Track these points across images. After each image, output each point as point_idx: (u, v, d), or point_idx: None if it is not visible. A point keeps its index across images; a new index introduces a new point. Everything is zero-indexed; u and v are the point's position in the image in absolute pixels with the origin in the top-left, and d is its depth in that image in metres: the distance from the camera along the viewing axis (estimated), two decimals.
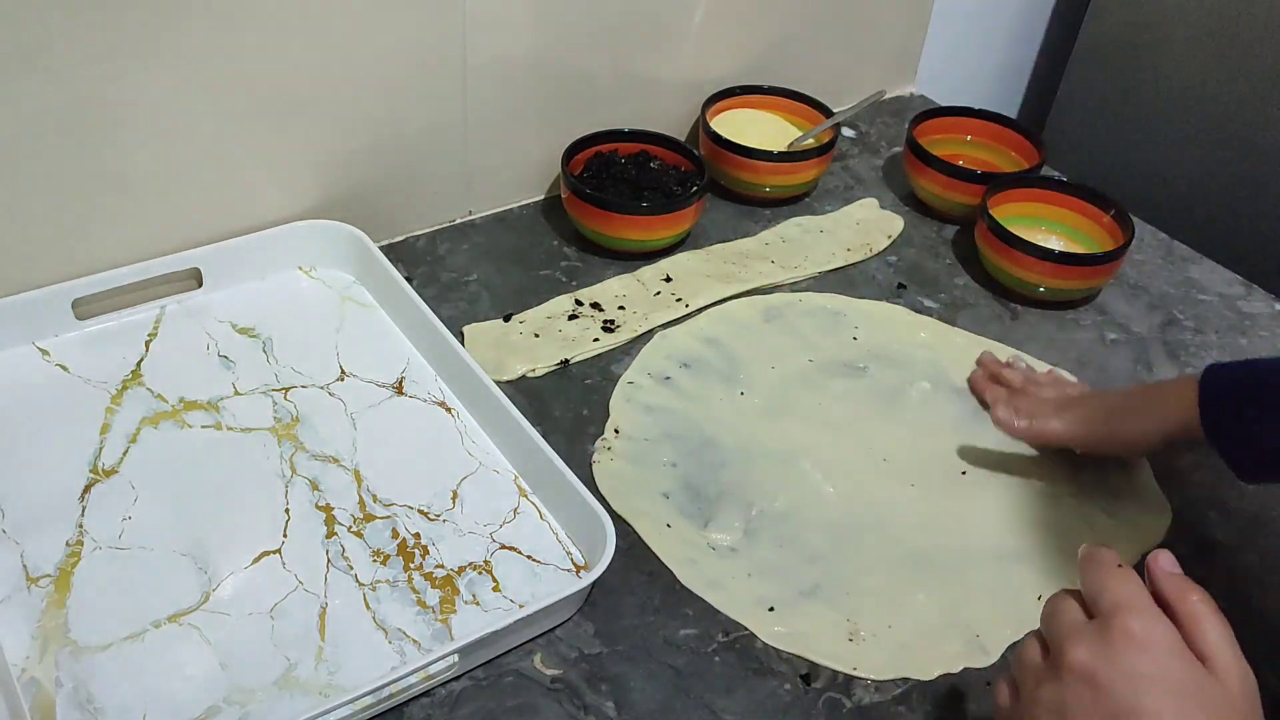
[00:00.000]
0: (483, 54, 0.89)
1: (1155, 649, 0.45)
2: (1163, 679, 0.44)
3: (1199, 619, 0.47)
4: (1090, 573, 0.50)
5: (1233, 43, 1.22)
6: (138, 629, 0.62)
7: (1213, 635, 0.46)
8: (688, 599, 0.67)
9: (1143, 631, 0.46)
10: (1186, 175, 1.31)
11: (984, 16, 1.41)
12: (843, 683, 0.64)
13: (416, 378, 0.80)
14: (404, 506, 0.70)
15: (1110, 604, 0.47)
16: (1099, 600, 0.48)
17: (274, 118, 0.82)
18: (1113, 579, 0.48)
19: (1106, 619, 0.47)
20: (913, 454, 0.78)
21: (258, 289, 0.85)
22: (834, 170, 1.07)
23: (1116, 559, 0.50)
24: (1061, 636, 0.48)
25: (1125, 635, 0.46)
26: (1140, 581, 0.49)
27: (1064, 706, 0.46)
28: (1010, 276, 0.92)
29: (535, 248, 0.94)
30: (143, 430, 0.73)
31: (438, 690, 0.61)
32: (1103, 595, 0.48)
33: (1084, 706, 0.45)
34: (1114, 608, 0.47)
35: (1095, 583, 0.49)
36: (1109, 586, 0.48)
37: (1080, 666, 0.46)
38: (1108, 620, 0.47)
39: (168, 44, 0.75)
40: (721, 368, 0.83)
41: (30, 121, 0.72)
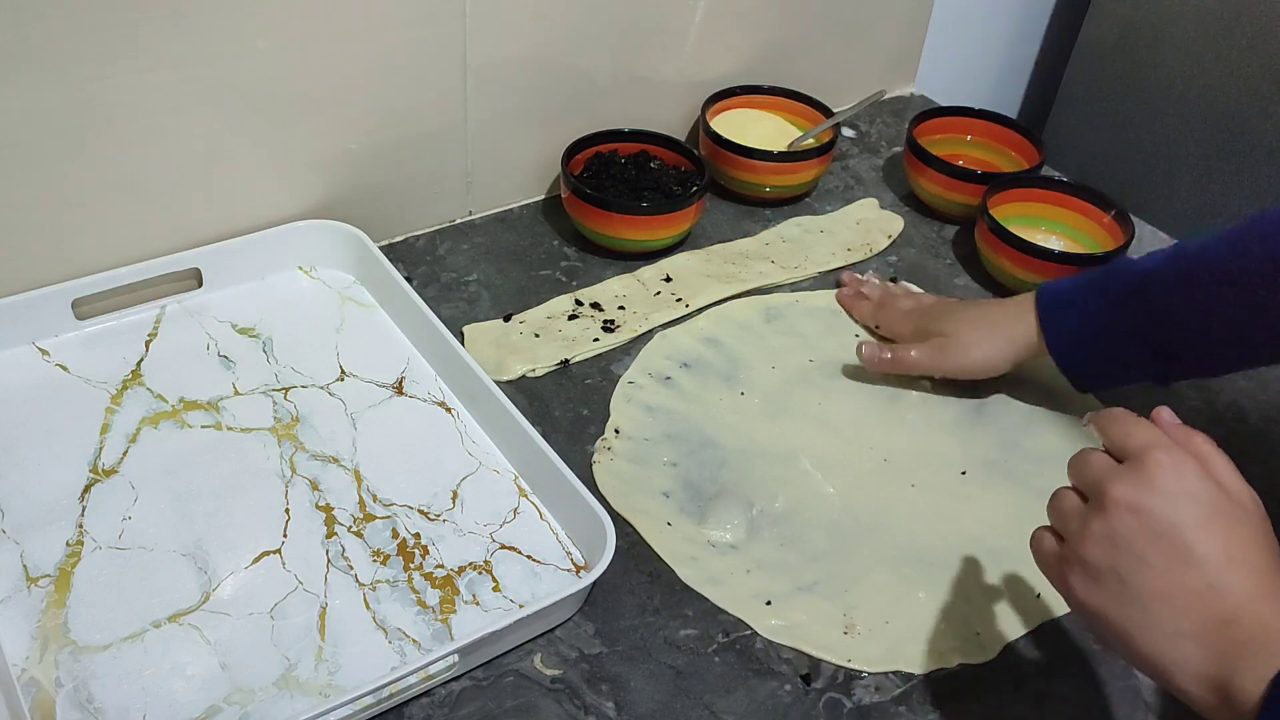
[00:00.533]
0: (483, 54, 0.89)
1: (1184, 473, 0.51)
2: (1194, 496, 0.51)
3: (1207, 456, 0.53)
4: (1111, 427, 0.55)
5: (1233, 43, 1.22)
6: (138, 629, 0.62)
7: (1222, 466, 0.53)
8: (688, 599, 0.67)
9: (1171, 461, 0.51)
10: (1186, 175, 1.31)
11: (984, 16, 1.41)
12: (843, 683, 0.64)
13: (416, 378, 0.80)
14: (404, 506, 0.70)
15: (1138, 445, 0.53)
16: (1126, 444, 0.53)
17: (274, 118, 0.82)
18: (1135, 426, 0.54)
19: (1139, 457, 0.52)
20: (913, 454, 0.78)
21: (258, 289, 0.85)
22: (834, 170, 1.07)
23: (1132, 413, 0.55)
24: (1101, 479, 0.53)
25: (1157, 465, 0.51)
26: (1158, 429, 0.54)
27: (1114, 534, 0.51)
28: (1010, 276, 0.92)
29: (535, 248, 0.94)
30: (143, 430, 0.73)
31: (438, 690, 0.61)
32: (1129, 439, 0.53)
33: (1131, 530, 0.51)
34: (1143, 447, 0.52)
35: (1119, 432, 0.54)
36: (1132, 433, 0.54)
37: (1123, 498, 0.51)
38: (1141, 457, 0.52)
39: (168, 44, 0.75)
40: (722, 368, 0.83)
41: (30, 122, 0.72)
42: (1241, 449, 0.80)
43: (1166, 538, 0.50)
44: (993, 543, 0.72)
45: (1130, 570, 0.50)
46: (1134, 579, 0.50)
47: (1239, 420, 0.83)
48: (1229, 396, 0.85)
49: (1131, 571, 0.50)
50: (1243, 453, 0.80)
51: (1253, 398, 0.85)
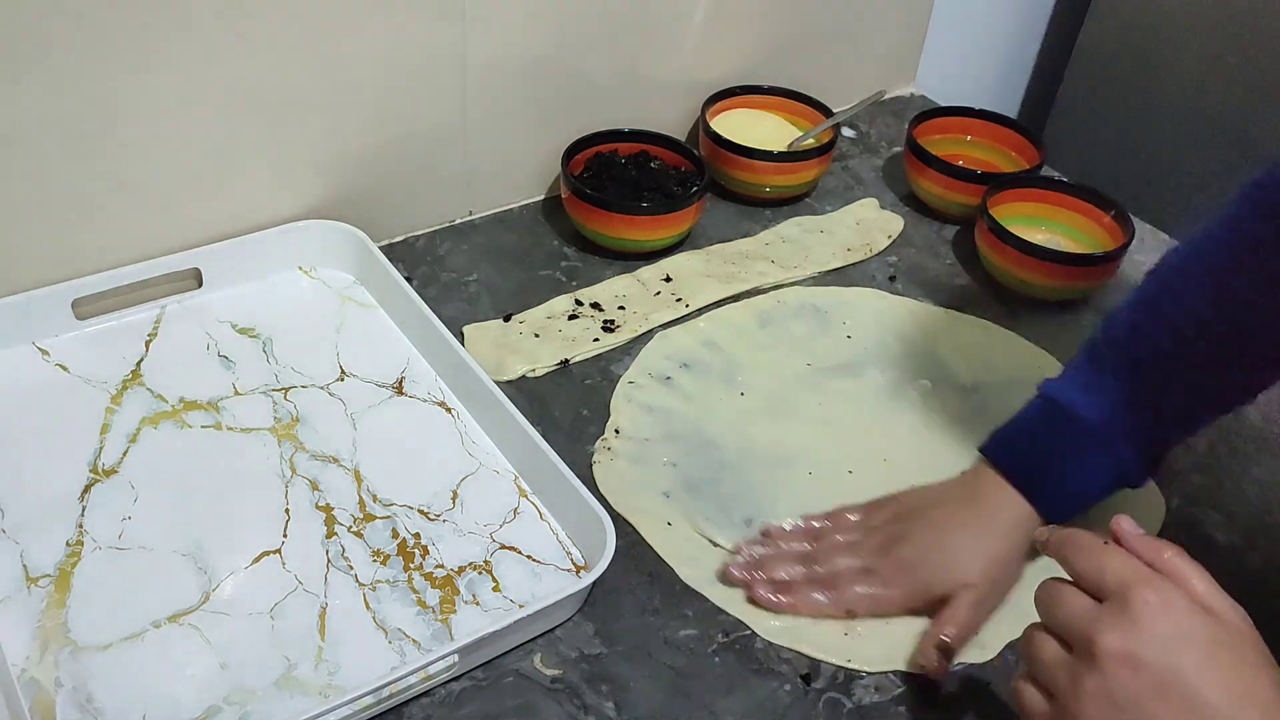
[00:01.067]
0: (483, 54, 0.89)
1: (1174, 612, 0.48)
2: (1189, 635, 0.47)
3: (1183, 574, 0.49)
4: (1079, 557, 0.51)
5: (1233, 43, 1.22)
6: (138, 629, 0.62)
7: (1201, 586, 0.49)
8: (688, 599, 0.67)
9: (1158, 599, 0.48)
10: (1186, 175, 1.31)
11: (984, 16, 1.41)
12: (843, 683, 0.64)
13: (416, 378, 0.80)
14: (404, 506, 0.70)
15: (1118, 583, 0.49)
16: (1103, 581, 0.50)
17: (274, 118, 0.82)
18: (1107, 558, 0.50)
19: (1122, 597, 0.48)
20: (913, 454, 0.78)
21: (258, 289, 0.85)
22: (834, 170, 1.07)
23: (1096, 538, 0.52)
24: (1084, 627, 0.49)
25: (1145, 607, 0.47)
26: (1131, 555, 0.51)
27: (1111, 693, 0.47)
28: (1010, 276, 0.92)
29: (535, 248, 0.94)
30: (143, 430, 0.73)
31: (438, 690, 0.61)
32: (1105, 575, 0.50)
33: (1130, 687, 0.47)
34: (1123, 585, 0.49)
35: (1091, 565, 0.51)
36: (1107, 566, 0.50)
37: (1116, 651, 0.47)
38: (1125, 599, 0.48)
39: (168, 44, 0.75)
40: (721, 369, 0.83)
41: (31, 121, 0.72)
42: (1241, 449, 0.81)
43: (1170, 690, 0.46)
44: None
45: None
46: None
47: (1238, 420, 0.83)
48: None
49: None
50: (1243, 453, 0.81)
51: None
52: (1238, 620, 0.49)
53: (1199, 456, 0.80)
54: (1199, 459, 0.80)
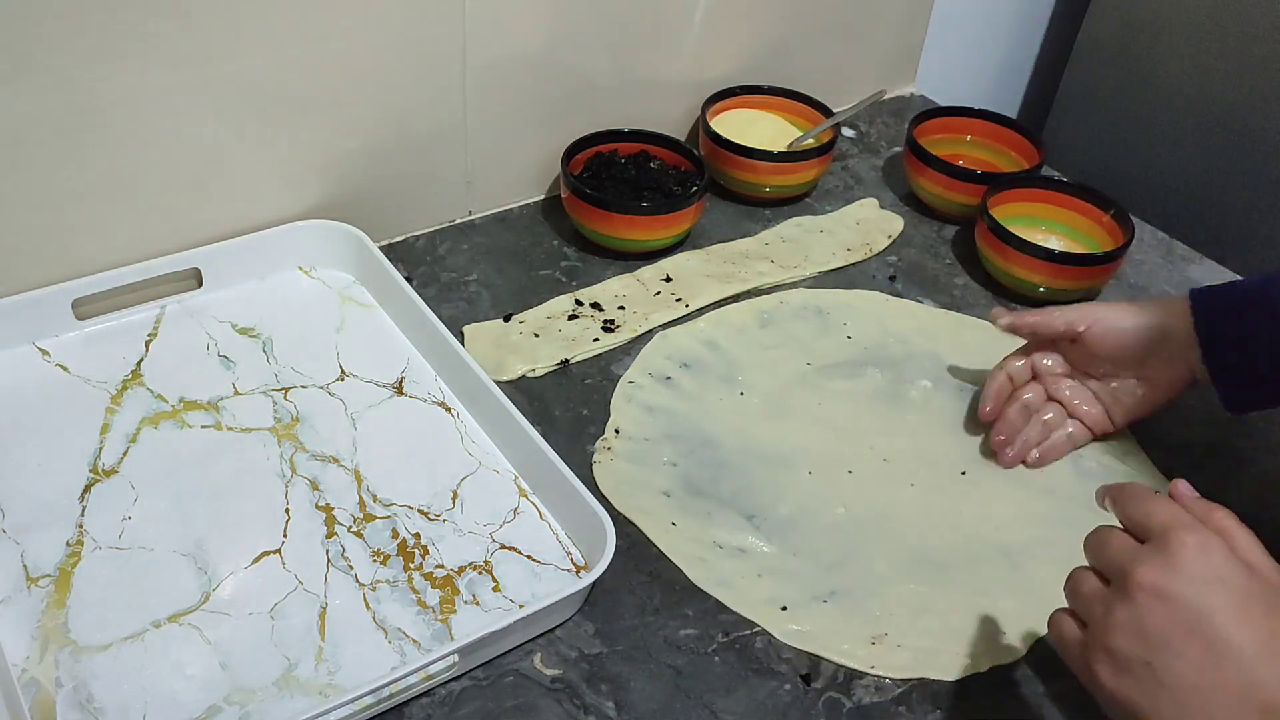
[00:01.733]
0: (483, 54, 0.89)
1: (1212, 556, 0.49)
2: (1223, 580, 0.49)
3: (1232, 533, 0.51)
4: (1130, 504, 0.53)
5: (1233, 42, 1.22)
6: (138, 629, 0.62)
7: (1248, 544, 0.51)
8: (688, 599, 0.67)
9: (1197, 543, 0.49)
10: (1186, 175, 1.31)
11: (984, 16, 1.41)
12: (843, 683, 0.64)
13: (416, 378, 0.80)
14: (404, 506, 0.70)
15: (1160, 525, 0.51)
16: (1148, 524, 0.52)
17: (274, 118, 0.82)
18: (1155, 504, 0.52)
19: (1163, 538, 0.50)
20: (912, 454, 0.78)
21: (258, 289, 0.85)
22: (834, 170, 1.07)
23: (1150, 488, 0.54)
24: (1124, 562, 0.51)
25: (1184, 548, 0.49)
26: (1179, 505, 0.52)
27: (1140, 623, 0.49)
28: (1010, 276, 0.92)
29: (535, 248, 0.94)
30: (143, 430, 0.73)
31: (438, 690, 0.61)
32: (1151, 519, 0.52)
33: (1160, 620, 0.49)
34: (1165, 527, 0.50)
35: (1138, 511, 0.53)
36: (1152, 512, 0.52)
37: (1150, 584, 0.49)
38: (1165, 538, 0.50)
39: (168, 44, 0.75)
40: (721, 369, 0.83)
41: (30, 122, 0.72)
42: (1240, 450, 0.81)
43: (1198, 628, 0.48)
44: (1000, 541, 0.73)
45: (1162, 663, 0.48)
46: (1166, 672, 0.48)
47: (1238, 420, 0.83)
48: None
49: (1164, 664, 0.48)
50: (1242, 453, 0.81)
51: None
52: (1276, 577, 0.50)
53: (1198, 456, 0.80)
54: (1198, 458, 0.80)
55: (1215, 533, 0.51)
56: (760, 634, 0.66)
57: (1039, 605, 0.68)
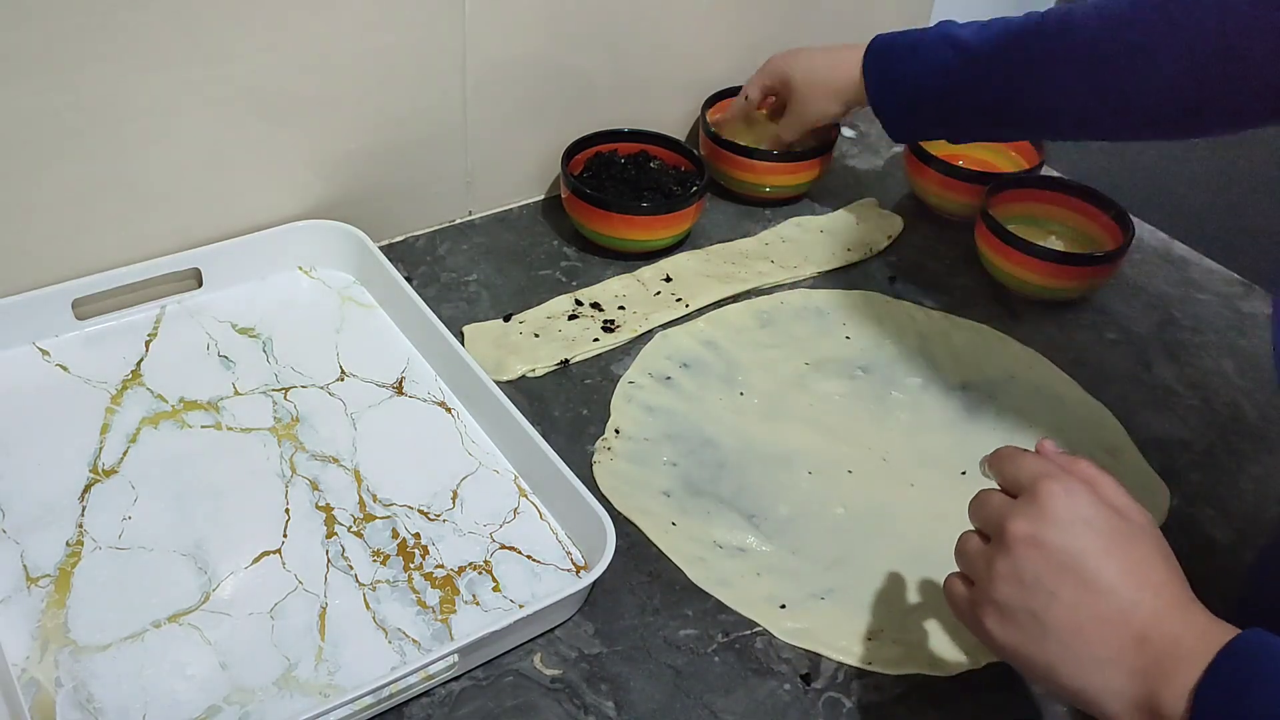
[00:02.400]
0: (483, 54, 0.89)
1: (1077, 499, 0.52)
2: (1090, 521, 0.51)
3: (1094, 479, 0.54)
4: (1002, 464, 0.56)
5: None
6: (138, 629, 0.62)
7: (1111, 489, 0.54)
8: (688, 599, 0.67)
9: (1062, 489, 0.52)
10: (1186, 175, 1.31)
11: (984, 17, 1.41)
12: (843, 682, 0.64)
13: (416, 378, 0.80)
14: (404, 506, 0.70)
15: (1029, 477, 0.53)
16: (1019, 479, 0.54)
17: (274, 118, 0.82)
18: (1024, 461, 0.55)
19: (1032, 489, 0.53)
20: (911, 454, 0.78)
21: (258, 289, 0.85)
22: (834, 170, 1.07)
23: (1022, 449, 0.56)
24: (999, 517, 0.53)
25: (1050, 496, 0.52)
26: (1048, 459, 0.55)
27: (1019, 571, 0.51)
28: (1010, 276, 0.92)
29: (535, 248, 0.94)
30: (143, 430, 0.73)
31: (438, 690, 0.61)
32: (1020, 473, 0.54)
33: (1035, 565, 0.51)
34: (1034, 479, 0.53)
35: (1010, 468, 0.55)
36: (1022, 466, 0.55)
37: (1022, 533, 0.52)
38: (1034, 490, 0.53)
39: (168, 44, 0.75)
40: (721, 369, 0.84)
41: (30, 122, 0.72)
42: (1239, 448, 0.81)
43: (1071, 569, 0.50)
44: None
45: (1042, 607, 0.50)
46: (1047, 615, 0.50)
47: (1237, 419, 0.83)
48: (1227, 396, 0.85)
49: (1044, 608, 0.50)
50: (1240, 453, 0.81)
51: (1250, 396, 0.85)
52: (1140, 516, 0.53)
53: (1197, 455, 0.80)
54: (1197, 457, 0.80)
55: (1080, 480, 0.53)
56: (760, 634, 0.66)
57: None
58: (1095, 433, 0.81)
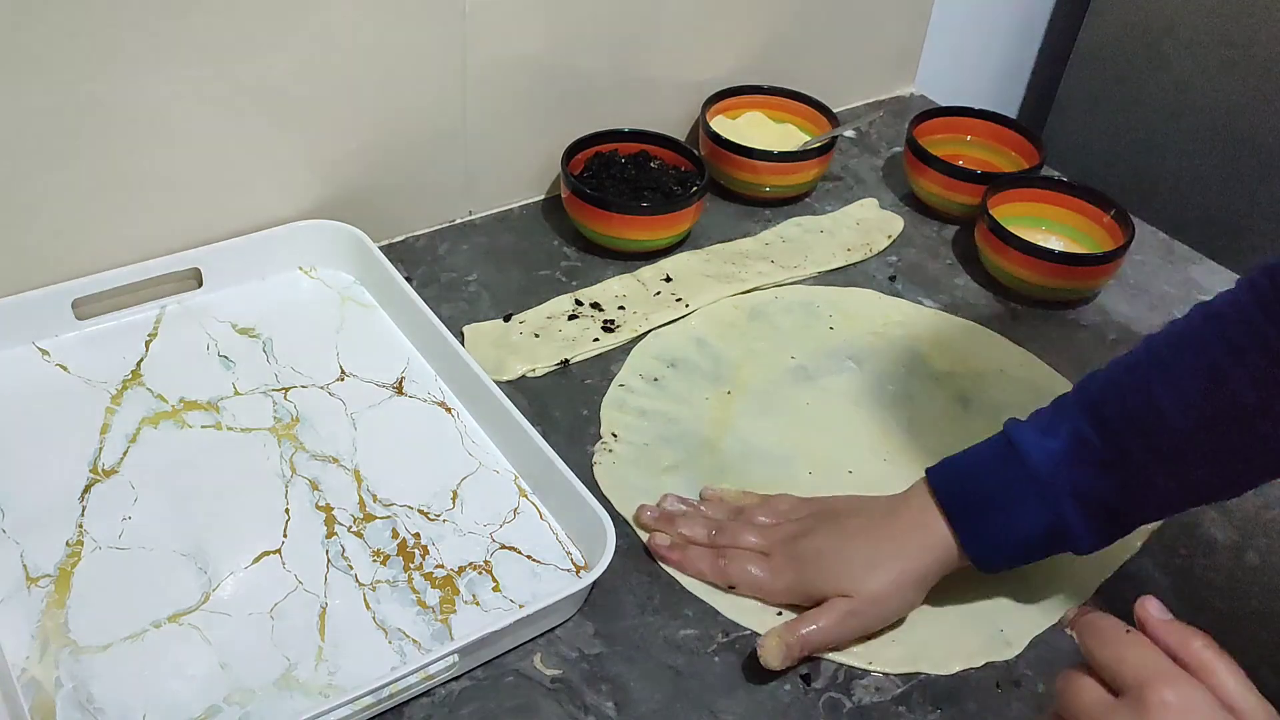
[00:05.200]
0: (483, 54, 0.89)
1: (1194, 715, 0.44)
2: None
3: (1211, 669, 0.46)
4: (1099, 647, 0.48)
5: (1233, 42, 1.22)
6: (138, 629, 0.62)
7: (1231, 683, 0.45)
8: (688, 599, 0.67)
9: (1178, 700, 0.44)
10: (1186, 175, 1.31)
11: (984, 16, 1.41)
12: (843, 683, 0.64)
13: (416, 378, 0.80)
14: (404, 506, 0.70)
15: (1135, 678, 0.45)
16: (1120, 674, 0.46)
17: (274, 118, 0.82)
18: (1127, 649, 0.46)
19: (1138, 694, 0.45)
20: (910, 453, 0.78)
21: (258, 289, 0.85)
22: (834, 170, 1.07)
23: (1120, 625, 0.48)
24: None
25: (1163, 708, 0.44)
26: (1154, 645, 0.47)
27: None
28: (1010, 276, 0.92)
29: (535, 248, 0.94)
30: (143, 430, 0.73)
31: (438, 690, 0.61)
32: (1123, 668, 0.46)
33: None
34: (1140, 681, 0.45)
35: (1110, 656, 0.47)
36: (1126, 658, 0.46)
37: None
38: (1140, 695, 0.45)
39: (168, 44, 0.75)
40: (708, 367, 0.83)
41: (30, 122, 0.72)
42: None
43: None
44: None
45: None
46: None
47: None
48: None
49: None
50: None
51: None
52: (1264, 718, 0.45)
53: None
54: None
55: (1194, 671, 0.45)
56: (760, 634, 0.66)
57: (1035, 602, 0.69)
58: None
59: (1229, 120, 1.25)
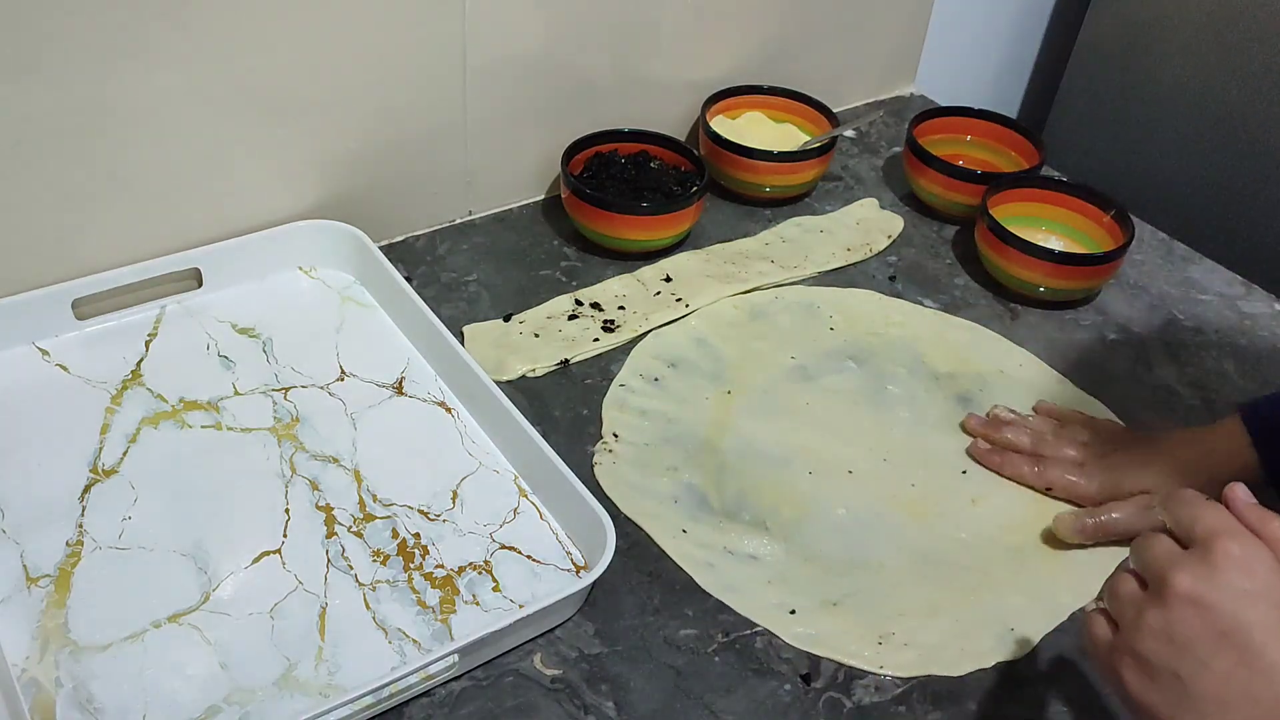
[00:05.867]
0: (483, 54, 0.89)
1: (1256, 568, 0.47)
2: (1266, 594, 0.47)
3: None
4: (1179, 507, 0.51)
5: (1233, 42, 1.22)
6: (138, 629, 0.62)
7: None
8: (688, 599, 0.67)
9: (1243, 553, 0.47)
10: (1186, 175, 1.31)
11: (984, 16, 1.41)
12: (843, 683, 0.64)
13: (416, 378, 0.80)
14: (404, 506, 0.70)
15: (1206, 531, 0.49)
16: (1193, 529, 0.50)
17: (274, 118, 0.82)
18: (1204, 509, 0.50)
19: (1206, 545, 0.48)
20: (910, 453, 0.78)
21: (258, 289, 0.85)
22: (834, 170, 1.07)
23: (1202, 495, 0.51)
24: (1163, 566, 0.49)
25: (1227, 557, 0.47)
26: (1229, 512, 0.50)
27: (1171, 630, 0.48)
28: (1010, 276, 0.92)
29: (535, 248, 0.94)
30: (143, 430, 0.73)
31: (438, 690, 0.61)
32: (1197, 525, 0.49)
33: (1192, 628, 0.47)
34: (1211, 534, 0.48)
35: (1186, 515, 0.50)
36: (1201, 517, 0.50)
37: (1186, 591, 0.47)
38: (1208, 545, 0.48)
39: (168, 44, 0.75)
40: (708, 367, 0.83)
41: (31, 122, 0.72)
42: None
43: (1231, 640, 0.46)
44: (1005, 538, 0.73)
45: (1190, 673, 0.47)
46: (1194, 683, 0.46)
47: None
48: (1228, 396, 0.85)
49: (1192, 674, 0.47)
50: None
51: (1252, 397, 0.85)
52: None
53: None
54: None
55: (1268, 543, 0.48)
56: (761, 634, 0.66)
57: (1045, 602, 0.68)
58: None
59: (1229, 120, 1.25)
